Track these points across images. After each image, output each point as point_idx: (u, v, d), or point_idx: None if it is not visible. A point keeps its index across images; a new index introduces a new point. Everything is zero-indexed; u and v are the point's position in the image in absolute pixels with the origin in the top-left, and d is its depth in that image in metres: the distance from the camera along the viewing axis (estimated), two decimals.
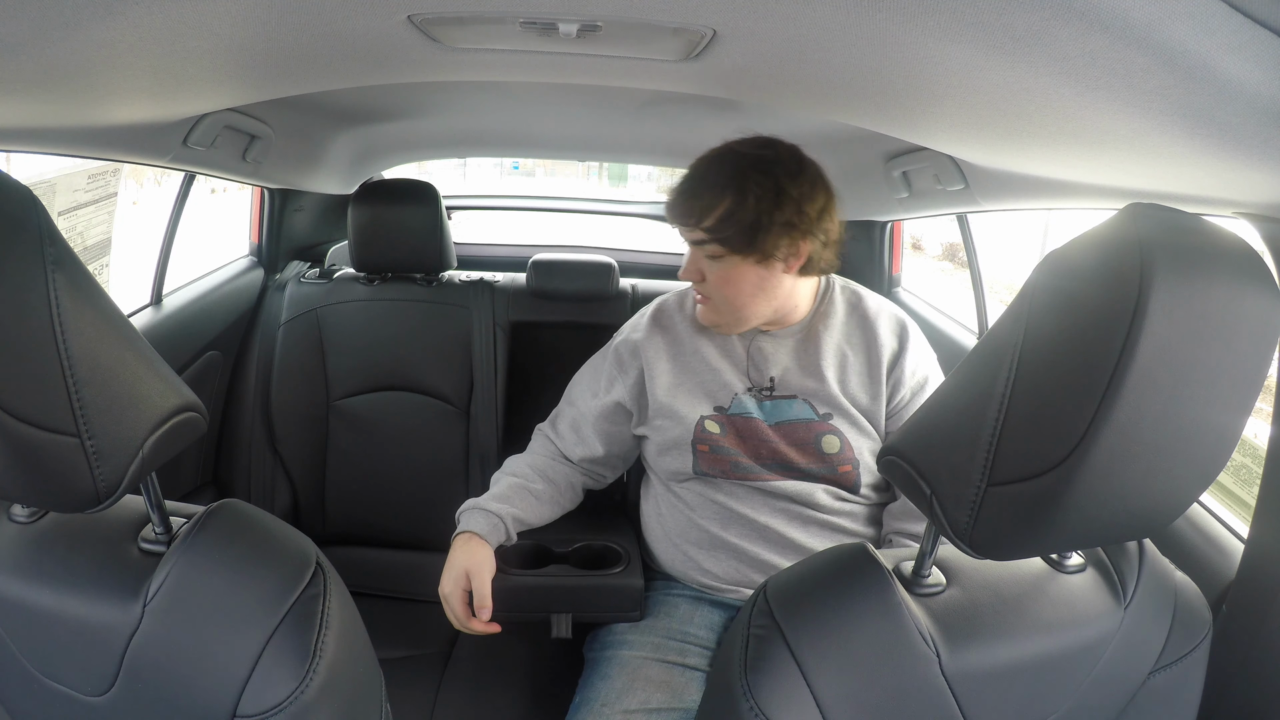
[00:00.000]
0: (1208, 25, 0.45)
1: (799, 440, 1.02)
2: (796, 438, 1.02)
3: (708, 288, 1.01)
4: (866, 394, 1.03)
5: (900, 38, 0.60)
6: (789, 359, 1.05)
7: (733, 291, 1.00)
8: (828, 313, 1.07)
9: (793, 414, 1.03)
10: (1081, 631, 0.60)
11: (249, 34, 0.71)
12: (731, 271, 0.98)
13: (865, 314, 1.08)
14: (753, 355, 1.06)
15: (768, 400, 1.04)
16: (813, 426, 1.02)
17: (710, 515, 1.04)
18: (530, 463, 1.14)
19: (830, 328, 1.06)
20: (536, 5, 0.67)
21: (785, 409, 1.03)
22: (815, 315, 1.07)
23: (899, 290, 1.88)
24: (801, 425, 1.02)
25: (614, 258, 1.66)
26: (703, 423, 1.03)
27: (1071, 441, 0.46)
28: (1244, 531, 0.85)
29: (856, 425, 1.02)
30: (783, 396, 1.04)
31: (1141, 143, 0.67)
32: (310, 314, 1.59)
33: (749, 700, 0.55)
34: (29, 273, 0.48)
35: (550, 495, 1.11)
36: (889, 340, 1.05)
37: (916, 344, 1.06)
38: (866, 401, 1.03)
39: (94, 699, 0.58)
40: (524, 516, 1.07)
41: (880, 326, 1.06)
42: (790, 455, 1.01)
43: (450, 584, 0.99)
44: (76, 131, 0.92)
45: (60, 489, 0.51)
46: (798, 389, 1.04)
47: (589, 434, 1.13)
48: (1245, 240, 0.48)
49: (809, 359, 1.04)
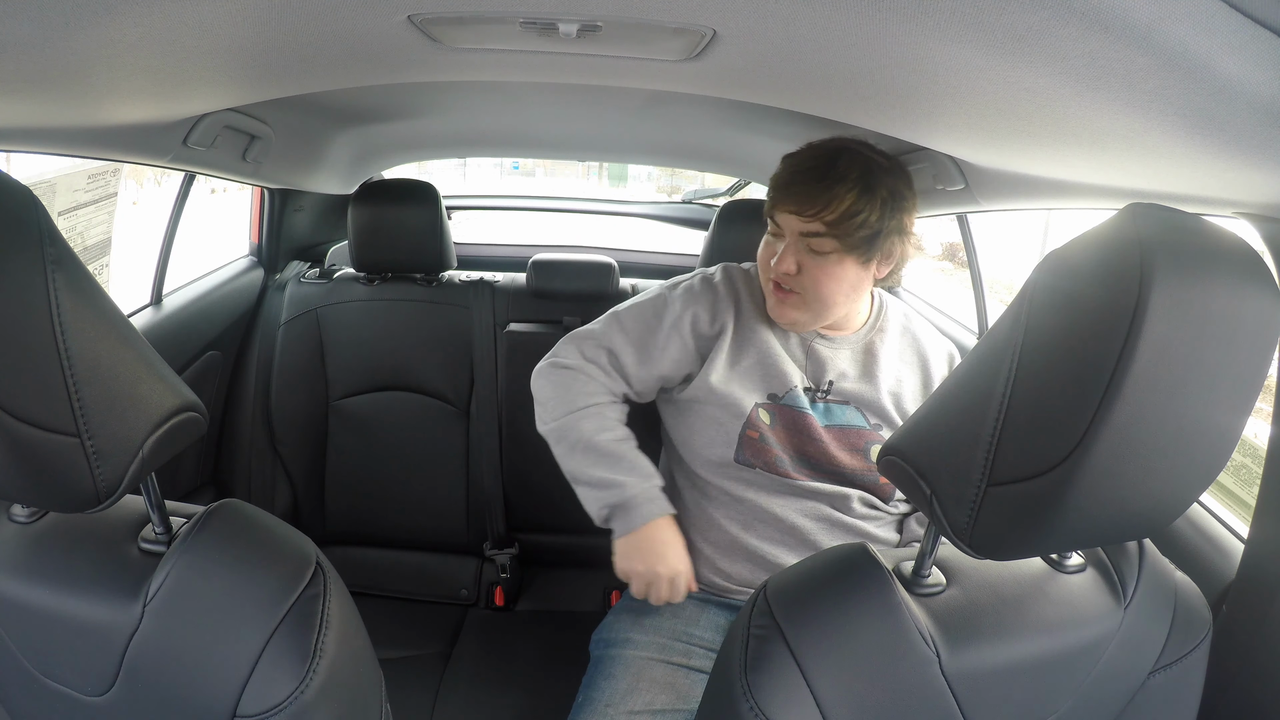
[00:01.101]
0: (1208, 25, 0.45)
1: (850, 444, 1.02)
2: (847, 442, 1.02)
3: (803, 282, 0.99)
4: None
5: (900, 38, 0.60)
6: (847, 366, 1.05)
7: (831, 289, 0.98)
8: (884, 327, 1.09)
9: (845, 419, 1.03)
10: (1081, 631, 0.60)
11: (249, 34, 0.71)
12: (836, 268, 0.97)
13: (917, 335, 1.11)
14: (811, 356, 1.06)
15: (822, 402, 1.04)
16: (864, 434, 1.02)
17: (733, 515, 1.03)
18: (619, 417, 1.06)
19: (887, 343, 1.07)
20: (536, 5, 0.67)
21: (838, 413, 1.03)
22: (872, 329, 1.08)
23: (899, 290, 1.87)
24: (853, 431, 1.03)
25: (614, 258, 1.66)
26: (757, 409, 1.01)
27: (1071, 441, 0.46)
28: (1244, 531, 0.85)
29: None
30: (837, 401, 1.04)
31: (1141, 143, 0.67)
32: (310, 314, 1.59)
33: (749, 700, 0.55)
34: (29, 273, 0.48)
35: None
36: (940, 366, 1.09)
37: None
38: None
39: (94, 699, 0.58)
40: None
41: (932, 350, 1.10)
42: (838, 458, 1.01)
43: (685, 561, 0.99)
44: (76, 131, 0.92)
45: (60, 489, 0.51)
46: (853, 396, 1.04)
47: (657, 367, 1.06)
48: (1245, 240, 0.48)
49: (867, 370, 1.05)
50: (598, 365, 1.07)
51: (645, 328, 1.07)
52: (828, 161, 0.98)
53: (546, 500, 1.39)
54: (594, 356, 1.07)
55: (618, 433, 1.03)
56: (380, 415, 1.59)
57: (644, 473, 1.01)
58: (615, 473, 0.99)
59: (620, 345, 1.07)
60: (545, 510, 1.52)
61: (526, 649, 1.41)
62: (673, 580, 0.98)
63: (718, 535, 1.04)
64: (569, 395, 1.05)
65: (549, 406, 1.06)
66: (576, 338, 1.10)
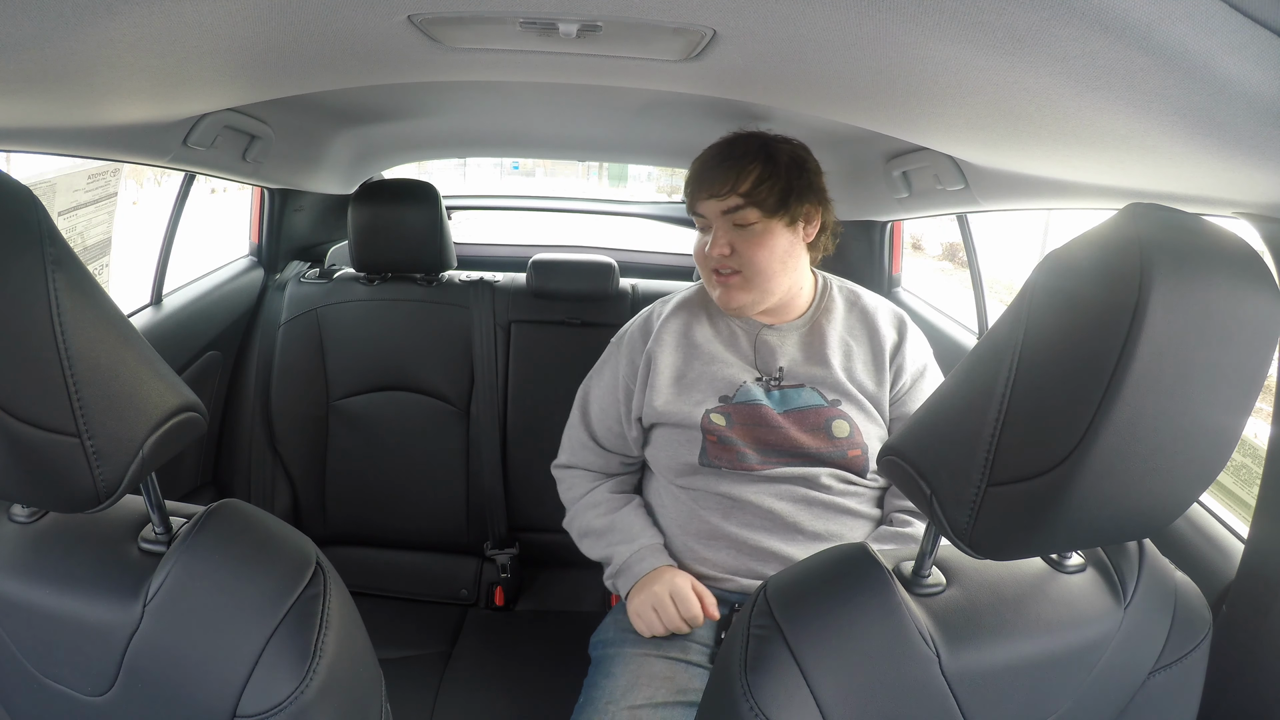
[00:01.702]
0: (1208, 25, 0.45)
1: (809, 425, 1.04)
2: (807, 423, 1.04)
3: (739, 259, 1.04)
4: (872, 381, 1.08)
5: (900, 38, 0.60)
6: (795, 350, 1.09)
7: (765, 257, 1.04)
8: (829, 308, 1.13)
9: (802, 401, 1.06)
10: (1081, 631, 0.60)
11: (249, 34, 0.71)
12: (764, 236, 1.03)
13: (864, 308, 1.14)
14: (759, 348, 1.10)
15: (776, 389, 1.07)
16: (822, 412, 1.05)
17: (712, 506, 1.05)
18: (611, 490, 1.17)
19: (833, 321, 1.11)
20: (536, 5, 0.67)
21: (794, 397, 1.06)
22: (817, 310, 1.12)
23: (899, 290, 1.88)
24: (811, 411, 1.05)
25: (614, 258, 1.66)
26: (708, 416, 1.05)
27: (1072, 441, 0.46)
28: (1244, 531, 0.85)
29: (864, 411, 1.06)
30: (791, 385, 1.07)
31: (1141, 143, 0.67)
32: (310, 314, 1.59)
33: (749, 700, 0.55)
34: (29, 272, 0.48)
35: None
36: (889, 332, 1.11)
37: (914, 335, 1.13)
38: (873, 388, 1.07)
39: (94, 699, 0.58)
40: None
41: (880, 319, 1.12)
42: (800, 440, 1.03)
43: (684, 576, 1.02)
44: (76, 131, 0.92)
45: (60, 489, 0.51)
46: (805, 377, 1.07)
47: (632, 430, 1.15)
48: (1245, 240, 0.48)
49: (815, 349, 1.09)
50: (587, 450, 1.18)
51: (604, 391, 1.17)
52: (727, 146, 1.06)
53: (548, 499, 1.39)
54: (581, 443, 1.19)
55: (609, 506, 1.13)
56: (380, 415, 1.59)
57: (630, 537, 1.08)
58: (607, 548, 1.09)
59: (595, 421, 1.17)
60: (546, 509, 1.52)
61: (526, 649, 1.40)
62: (675, 591, 0.99)
63: (699, 526, 1.05)
64: (571, 494, 1.18)
65: (567, 506, 1.20)
66: (566, 430, 1.22)
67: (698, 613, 0.98)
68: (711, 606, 0.99)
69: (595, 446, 1.17)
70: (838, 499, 1.03)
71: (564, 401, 1.23)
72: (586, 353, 1.28)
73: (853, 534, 1.04)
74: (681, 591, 0.99)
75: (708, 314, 1.14)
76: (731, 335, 1.11)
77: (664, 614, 0.99)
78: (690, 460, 1.05)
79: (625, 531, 1.08)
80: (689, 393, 1.07)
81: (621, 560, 1.06)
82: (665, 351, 1.11)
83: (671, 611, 0.98)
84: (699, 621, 0.98)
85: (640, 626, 1.01)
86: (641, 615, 1.01)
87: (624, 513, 1.11)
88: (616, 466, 1.18)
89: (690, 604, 0.98)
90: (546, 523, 1.56)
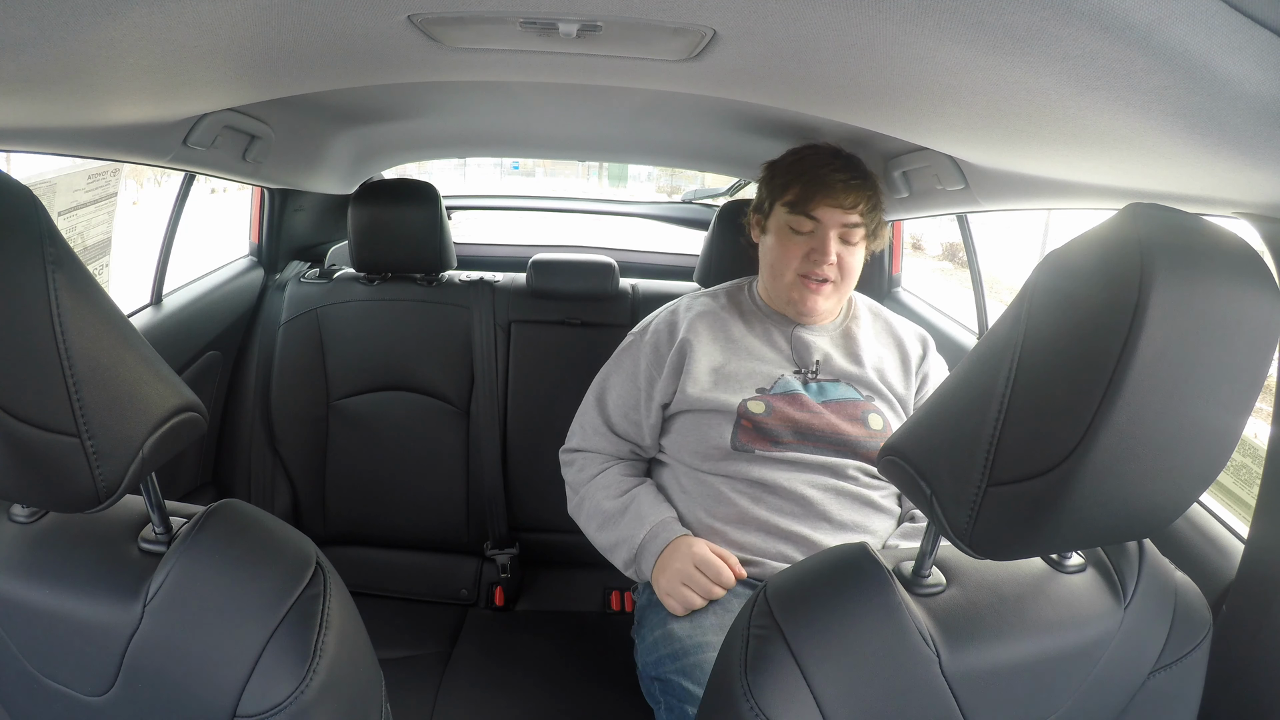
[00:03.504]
0: (1208, 25, 0.45)
1: (848, 415, 1.08)
2: (845, 413, 1.08)
3: (841, 270, 1.12)
4: (901, 384, 1.15)
5: (900, 38, 0.60)
6: (830, 348, 1.15)
7: (856, 273, 1.14)
8: (857, 315, 1.21)
9: (838, 394, 1.11)
10: (1081, 632, 0.60)
11: (249, 34, 0.71)
12: (860, 254, 1.14)
13: (888, 320, 1.23)
14: (795, 344, 1.15)
15: (814, 382, 1.11)
16: (859, 405, 1.10)
17: (741, 490, 1.06)
18: (622, 473, 1.17)
19: (862, 328, 1.19)
20: (536, 5, 0.66)
21: (830, 390, 1.11)
22: (847, 317, 1.20)
23: (899, 290, 1.87)
24: (849, 403, 1.10)
25: (614, 258, 1.66)
26: (745, 404, 1.07)
27: (1072, 441, 0.46)
28: (1244, 531, 0.85)
29: (894, 410, 1.12)
30: (827, 379, 1.12)
31: (1141, 143, 0.67)
32: (310, 314, 1.59)
33: (749, 700, 0.55)
34: (29, 273, 0.48)
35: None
36: (914, 345, 1.20)
37: (936, 352, 1.22)
38: (902, 390, 1.14)
39: (94, 699, 0.58)
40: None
41: (904, 332, 1.21)
42: (839, 425, 1.06)
43: (705, 543, 1.03)
44: (76, 131, 0.92)
45: (60, 489, 0.51)
46: (840, 373, 1.13)
47: (651, 416, 1.16)
48: (1245, 240, 0.48)
49: (849, 349, 1.15)
50: (600, 435, 1.19)
51: (624, 378, 1.19)
52: (845, 160, 1.13)
53: (548, 499, 1.39)
54: (594, 428, 1.19)
55: (621, 486, 1.13)
56: (380, 415, 1.59)
57: (641, 517, 1.08)
58: (622, 530, 1.09)
59: (612, 407, 1.18)
60: (547, 509, 1.52)
61: (526, 649, 1.40)
62: (699, 561, 1.00)
63: (727, 510, 1.06)
64: (580, 475, 1.19)
65: (571, 490, 1.21)
66: (578, 416, 1.23)
67: (728, 576, 0.99)
68: (736, 565, 1.00)
69: (608, 432, 1.19)
70: (865, 491, 1.05)
71: (564, 401, 1.23)
72: (587, 353, 1.28)
73: (877, 527, 1.05)
74: (705, 558, 1.00)
75: (740, 313, 1.19)
76: (767, 333, 1.16)
77: (696, 586, 0.99)
78: (721, 444, 1.06)
79: (636, 512, 1.09)
80: (727, 383, 1.10)
81: (637, 542, 1.06)
82: (703, 343, 1.14)
83: (702, 580, 0.99)
84: (731, 583, 0.99)
85: (674, 606, 1.00)
86: (673, 594, 1.00)
87: (636, 493, 1.12)
88: (627, 453, 1.19)
89: (718, 568, 0.99)
90: (547, 523, 1.56)
